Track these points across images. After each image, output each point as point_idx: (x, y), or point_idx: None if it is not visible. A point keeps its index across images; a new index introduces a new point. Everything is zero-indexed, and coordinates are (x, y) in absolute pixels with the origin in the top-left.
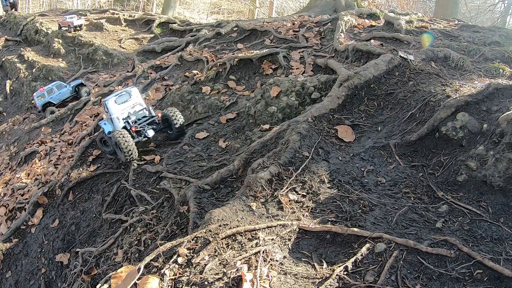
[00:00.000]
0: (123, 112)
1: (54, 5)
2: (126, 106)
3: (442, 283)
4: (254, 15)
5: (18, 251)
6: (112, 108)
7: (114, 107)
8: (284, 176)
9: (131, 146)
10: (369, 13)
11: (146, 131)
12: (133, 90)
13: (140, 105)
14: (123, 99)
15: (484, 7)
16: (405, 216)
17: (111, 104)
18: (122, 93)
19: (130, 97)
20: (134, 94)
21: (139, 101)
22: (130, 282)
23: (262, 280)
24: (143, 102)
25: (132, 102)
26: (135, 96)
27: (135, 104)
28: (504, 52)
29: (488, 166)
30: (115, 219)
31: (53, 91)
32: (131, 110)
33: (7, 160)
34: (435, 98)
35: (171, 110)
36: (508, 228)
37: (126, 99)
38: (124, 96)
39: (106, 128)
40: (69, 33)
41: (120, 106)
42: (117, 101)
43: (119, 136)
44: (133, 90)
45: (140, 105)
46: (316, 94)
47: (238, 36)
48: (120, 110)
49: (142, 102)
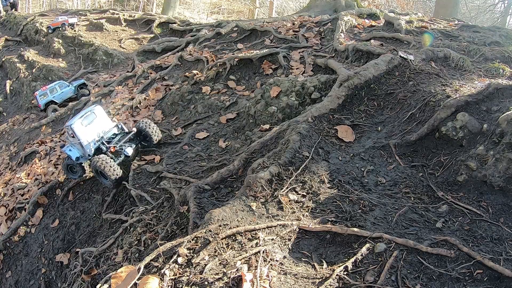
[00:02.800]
0: (92, 134)
1: (54, 5)
2: (94, 127)
3: (442, 283)
4: (254, 15)
5: (18, 251)
6: (79, 133)
7: (81, 130)
8: (284, 176)
9: (116, 169)
10: (369, 13)
11: (124, 150)
12: (97, 108)
13: (107, 124)
14: (89, 119)
15: (484, 7)
16: (405, 216)
17: (78, 128)
18: (87, 114)
19: (96, 116)
20: (99, 113)
21: (106, 119)
22: (130, 282)
23: (262, 280)
24: (109, 120)
25: (99, 122)
26: (101, 114)
27: (103, 123)
28: (504, 52)
29: (488, 166)
30: (115, 219)
31: (55, 90)
32: (99, 131)
33: (7, 160)
34: (435, 98)
35: (147, 123)
36: (508, 228)
37: (92, 119)
38: (90, 117)
39: (72, 154)
40: (64, 31)
41: (88, 129)
42: (83, 123)
43: (101, 163)
44: (97, 108)
45: (108, 123)
46: (316, 94)
47: (238, 36)
48: (89, 133)
49: (108, 120)
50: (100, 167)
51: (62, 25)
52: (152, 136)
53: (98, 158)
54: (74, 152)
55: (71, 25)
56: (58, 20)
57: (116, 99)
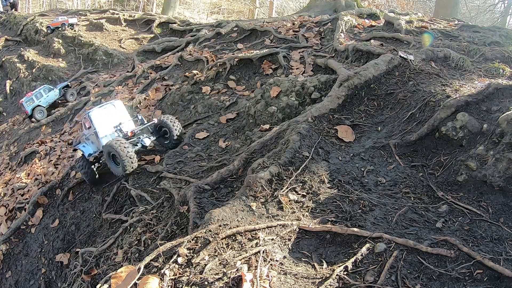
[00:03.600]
0: (109, 126)
1: (54, 5)
2: (112, 120)
3: (442, 283)
4: (254, 15)
5: (18, 251)
6: (96, 122)
7: (99, 120)
8: (284, 176)
9: (131, 154)
10: (369, 13)
11: (142, 139)
12: (117, 102)
13: (126, 118)
14: (108, 111)
15: (484, 7)
16: (405, 216)
17: (95, 117)
18: (107, 105)
19: (115, 109)
20: (119, 106)
21: (125, 114)
22: (130, 282)
23: (262, 280)
24: (129, 116)
25: (117, 115)
26: (120, 108)
27: (121, 117)
28: (504, 52)
29: (488, 166)
30: (115, 219)
31: (41, 95)
32: (117, 124)
33: (7, 160)
34: (435, 98)
35: (169, 117)
36: (508, 228)
37: (111, 111)
38: (109, 108)
39: (86, 150)
40: (64, 31)
41: (105, 120)
42: (101, 113)
43: (118, 144)
44: (117, 102)
45: (126, 118)
46: (316, 94)
47: (238, 36)
48: (106, 124)
49: (128, 115)
50: (115, 149)
51: (62, 25)
52: (173, 130)
53: (115, 139)
54: (87, 148)
55: (71, 25)
56: (58, 20)
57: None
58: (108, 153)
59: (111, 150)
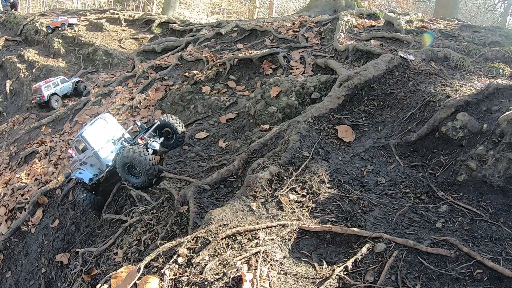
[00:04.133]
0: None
1: (54, 5)
2: (107, 134)
3: (442, 283)
4: (254, 15)
5: (18, 251)
6: (92, 141)
7: (94, 138)
8: (284, 176)
9: (151, 157)
10: (369, 13)
11: (151, 144)
12: (107, 115)
13: (120, 130)
14: (100, 126)
15: (484, 7)
16: (405, 216)
17: (90, 137)
18: (97, 121)
19: (107, 123)
20: (109, 119)
21: (117, 126)
22: (130, 282)
23: (262, 280)
24: (121, 126)
25: (111, 128)
26: (111, 121)
27: (115, 130)
28: (504, 52)
29: (488, 166)
30: (115, 219)
31: (57, 84)
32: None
33: (7, 160)
34: (435, 98)
35: (170, 116)
36: (508, 228)
37: (103, 126)
38: (101, 124)
39: (85, 176)
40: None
41: (100, 136)
42: (94, 131)
43: (135, 152)
44: (107, 115)
45: (120, 129)
46: (316, 94)
47: (238, 36)
48: (102, 140)
49: (120, 126)
50: (134, 158)
51: (62, 25)
52: (177, 128)
53: (129, 148)
54: (86, 174)
55: (71, 25)
56: (58, 19)
57: (116, 99)
58: (123, 165)
59: (127, 161)
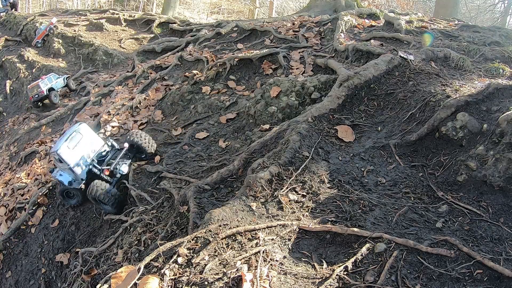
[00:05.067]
0: (81, 156)
1: (54, 5)
2: (82, 148)
3: (442, 283)
4: (254, 15)
5: (18, 251)
6: (67, 157)
7: (69, 154)
8: (284, 176)
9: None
10: (369, 13)
11: (119, 169)
12: (83, 127)
13: (96, 142)
14: (76, 141)
15: (484, 7)
16: (405, 216)
17: (65, 153)
18: (72, 135)
19: (82, 136)
20: (85, 131)
21: (94, 137)
22: (130, 282)
23: (262, 280)
24: (98, 137)
25: (86, 142)
26: (87, 133)
27: (91, 142)
28: (504, 52)
29: (488, 166)
30: (115, 219)
31: (51, 80)
32: (89, 151)
33: (7, 160)
34: (435, 98)
35: (139, 135)
36: (508, 228)
37: (79, 140)
38: (76, 137)
39: (64, 178)
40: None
41: (76, 151)
42: (69, 146)
43: (97, 190)
44: (83, 127)
45: (96, 141)
46: (316, 94)
47: (238, 36)
48: (78, 156)
49: (97, 137)
50: (97, 196)
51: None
52: (147, 149)
53: (93, 185)
54: (65, 176)
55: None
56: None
57: (116, 99)
58: (92, 199)
59: (94, 197)
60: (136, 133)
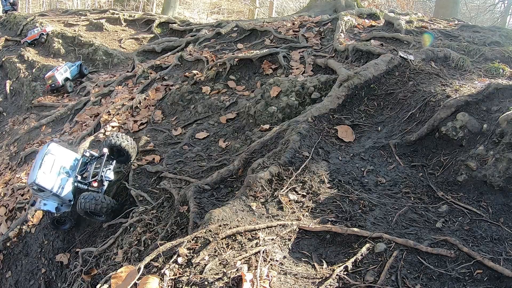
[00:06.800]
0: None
1: (54, 5)
2: (59, 169)
3: (442, 283)
4: (254, 15)
5: (18, 251)
6: (47, 184)
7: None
8: (284, 176)
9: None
10: (369, 13)
11: (105, 176)
12: (52, 147)
13: (71, 157)
14: (50, 163)
15: (484, 7)
16: (405, 216)
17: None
18: (44, 159)
19: (55, 156)
20: (56, 151)
21: (66, 154)
22: (130, 282)
23: (262, 280)
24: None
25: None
26: (58, 152)
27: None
28: (504, 52)
29: (488, 166)
30: (115, 219)
31: (66, 70)
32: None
33: (7, 160)
34: (435, 98)
35: (119, 137)
36: (508, 228)
37: (53, 161)
38: (49, 160)
39: (50, 207)
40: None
41: (53, 174)
42: (45, 171)
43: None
44: (52, 147)
45: (70, 157)
46: (316, 94)
47: (238, 36)
48: (57, 178)
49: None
50: (90, 208)
51: (40, 36)
52: (130, 152)
53: (82, 198)
54: (50, 204)
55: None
56: (34, 32)
57: (116, 99)
58: (84, 213)
59: (86, 210)
60: (115, 135)
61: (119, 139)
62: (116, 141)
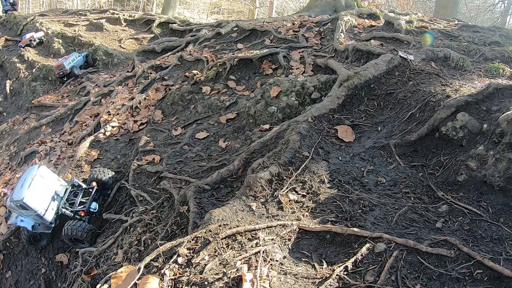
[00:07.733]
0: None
1: (54, 5)
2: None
3: (442, 283)
4: (254, 15)
5: (18, 251)
6: (34, 204)
7: (35, 200)
8: (284, 176)
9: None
10: (369, 13)
11: (89, 207)
12: (42, 170)
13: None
14: (39, 185)
15: (484, 7)
16: (405, 216)
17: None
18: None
19: (44, 178)
20: (45, 174)
21: (56, 179)
22: (130, 282)
23: (262, 280)
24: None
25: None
26: (48, 175)
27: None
28: (504, 52)
29: (488, 166)
30: (115, 219)
31: (75, 59)
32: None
33: (7, 160)
34: (435, 98)
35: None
36: (508, 228)
37: (42, 184)
38: (38, 181)
39: (27, 224)
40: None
41: (40, 196)
42: (33, 191)
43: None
44: (42, 170)
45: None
46: (316, 94)
47: (238, 36)
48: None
49: (58, 178)
50: (77, 235)
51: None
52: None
53: (69, 226)
54: (27, 221)
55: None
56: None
57: (116, 99)
58: (69, 240)
59: (73, 237)
60: (99, 170)
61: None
62: (101, 177)
